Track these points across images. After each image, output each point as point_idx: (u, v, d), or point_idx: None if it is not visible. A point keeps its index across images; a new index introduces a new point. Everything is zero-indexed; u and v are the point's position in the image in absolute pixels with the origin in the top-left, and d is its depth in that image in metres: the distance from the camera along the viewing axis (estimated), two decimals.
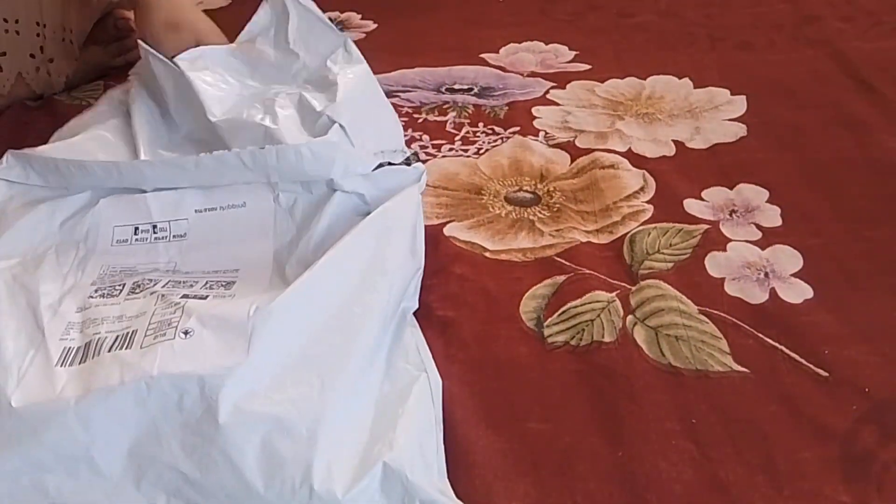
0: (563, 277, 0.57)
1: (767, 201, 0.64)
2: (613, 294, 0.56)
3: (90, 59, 0.90)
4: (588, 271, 0.58)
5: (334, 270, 0.50)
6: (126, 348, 0.45)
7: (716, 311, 0.54)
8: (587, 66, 0.86)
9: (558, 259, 0.59)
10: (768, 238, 0.61)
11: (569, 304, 0.55)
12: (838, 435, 0.46)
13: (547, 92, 0.82)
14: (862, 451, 0.45)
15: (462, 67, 0.87)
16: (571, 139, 0.73)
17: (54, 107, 0.85)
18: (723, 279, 0.57)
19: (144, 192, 0.58)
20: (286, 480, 0.41)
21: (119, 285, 0.52)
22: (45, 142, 0.81)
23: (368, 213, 0.54)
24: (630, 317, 0.54)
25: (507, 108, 0.79)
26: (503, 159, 0.71)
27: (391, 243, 0.54)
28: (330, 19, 0.98)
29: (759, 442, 0.46)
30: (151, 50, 0.66)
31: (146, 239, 0.57)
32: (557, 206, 0.65)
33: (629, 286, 0.57)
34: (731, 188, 0.66)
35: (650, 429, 0.47)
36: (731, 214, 0.63)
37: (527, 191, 0.67)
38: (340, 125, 0.58)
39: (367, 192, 0.58)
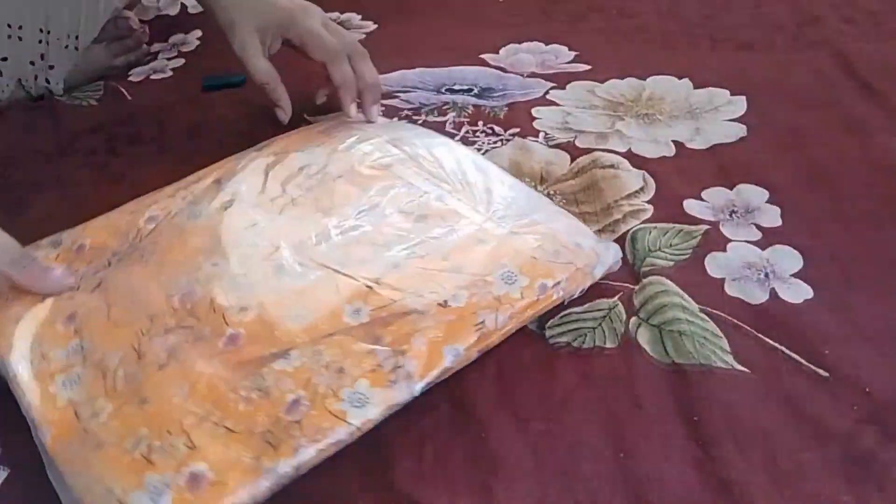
0: None
1: (767, 201, 0.64)
2: (615, 298, 0.56)
3: (90, 58, 0.90)
4: None
5: None
6: None
7: (716, 311, 0.54)
8: (587, 67, 0.86)
9: None
10: (768, 238, 0.60)
11: (570, 310, 0.55)
12: (839, 435, 0.46)
13: (547, 92, 0.82)
14: (863, 452, 0.45)
15: (462, 68, 0.87)
16: (571, 140, 0.73)
17: (54, 107, 0.85)
18: (723, 279, 0.57)
19: None
20: None
21: None
22: (45, 141, 0.81)
23: None
24: (633, 318, 0.54)
25: (506, 108, 0.79)
26: (503, 160, 0.71)
27: None
28: (330, 20, 0.97)
29: (760, 442, 0.46)
30: None
31: None
32: None
33: (632, 286, 0.57)
34: (731, 188, 0.66)
35: (652, 429, 0.47)
36: (731, 215, 0.63)
37: None
38: None
39: None
